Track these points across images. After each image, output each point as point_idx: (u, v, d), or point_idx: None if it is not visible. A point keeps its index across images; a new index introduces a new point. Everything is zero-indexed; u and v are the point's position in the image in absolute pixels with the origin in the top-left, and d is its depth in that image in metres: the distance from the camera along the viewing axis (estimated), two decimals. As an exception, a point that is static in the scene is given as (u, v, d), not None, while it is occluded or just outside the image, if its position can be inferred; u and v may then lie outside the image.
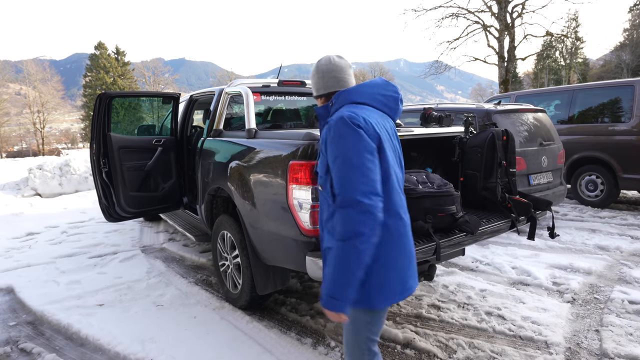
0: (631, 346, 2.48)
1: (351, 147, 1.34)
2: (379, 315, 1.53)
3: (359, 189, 1.30)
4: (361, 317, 1.51)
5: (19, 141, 51.89)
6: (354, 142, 1.34)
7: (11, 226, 5.98)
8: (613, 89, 6.02)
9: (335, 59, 1.61)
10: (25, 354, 2.63)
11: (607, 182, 5.93)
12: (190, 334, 2.76)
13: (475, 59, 18.67)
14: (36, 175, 8.68)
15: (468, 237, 2.29)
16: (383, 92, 1.54)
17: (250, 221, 2.77)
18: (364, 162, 1.33)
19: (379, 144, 1.39)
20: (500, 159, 2.75)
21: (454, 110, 4.89)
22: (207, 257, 4.36)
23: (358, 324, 1.52)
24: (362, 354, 1.55)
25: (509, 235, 4.70)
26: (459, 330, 2.76)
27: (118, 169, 3.74)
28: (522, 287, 3.45)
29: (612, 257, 4.06)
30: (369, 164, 1.33)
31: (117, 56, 48.22)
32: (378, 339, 1.59)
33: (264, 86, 3.81)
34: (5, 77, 40.88)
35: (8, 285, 3.71)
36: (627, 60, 34.45)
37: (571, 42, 37.29)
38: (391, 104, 1.55)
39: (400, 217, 1.47)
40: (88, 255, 4.57)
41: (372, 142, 1.36)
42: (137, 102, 4.86)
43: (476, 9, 18.06)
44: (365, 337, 1.54)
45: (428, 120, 3.24)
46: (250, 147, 2.83)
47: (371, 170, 1.33)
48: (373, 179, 1.33)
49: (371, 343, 1.56)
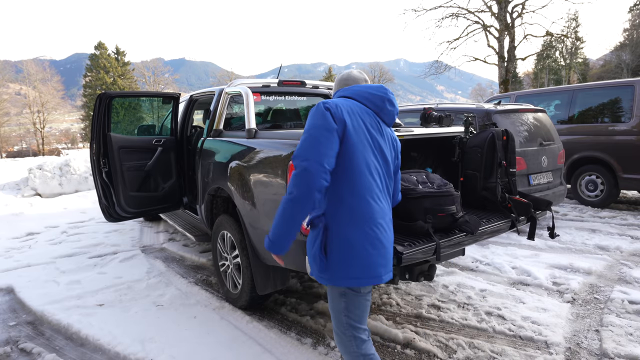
0: (631, 346, 2.48)
1: (314, 123, 1.54)
2: (353, 299, 1.61)
3: (304, 154, 1.49)
4: (336, 298, 1.63)
5: (19, 141, 51.90)
6: (318, 120, 1.54)
7: (11, 226, 5.98)
8: (613, 89, 6.02)
9: (353, 72, 1.86)
10: (25, 354, 2.63)
11: (607, 182, 5.93)
12: (190, 334, 2.76)
13: (475, 59, 18.67)
14: (36, 175, 8.68)
15: (468, 237, 2.28)
16: (371, 92, 1.70)
17: (250, 221, 2.77)
18: (318, 136, 1.50)
19: (344, 127, 1.54)
20: (500, 159, 2.75)
21: (454, 110, 4.89)
22: (207, 257, 4.36)
23: (335, 305, 1.65)
24: (348, 340, 1.64)
25: (509, 235, 4.70)
26: (459, 330, 2.76)
27: (118, 169, 3.73)
28: (522, 287, 3.45)
29: (612, 257, 4.06)
30: (323, 138, 1.50)
31: (117, 56, 48.22)
32: (362, 327, 1.65)
33: (264, 86, 3.81)
34: (5, 77, 40.88)
35: (8, 285, 3.71)
36: (627, 60, 34.44)
37: (571, 42, 37.30)
38: (377, 102, 1.69)
39: (368, 201, 1.56)
40: (88, 255, 4.57)
41: (335, 124, 1.52)
42: (137, 102, 4.86)
43: (476, 9, 18.07)
44: (346, 323, 1.63)
45: (428, 120, 3.24)
46: (250, 147, 2.83)
47: (322, 144, 1.49)
48: (320, 151, 1.48)
49: (354, 330, 1.63)
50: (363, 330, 1.65)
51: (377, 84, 1.75)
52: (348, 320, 1.63)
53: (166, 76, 53.60)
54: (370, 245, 1.55)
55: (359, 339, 1.64)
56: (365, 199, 1.55)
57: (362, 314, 1.65)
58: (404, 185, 2.26)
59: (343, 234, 1.54)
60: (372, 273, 1.56)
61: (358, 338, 1.64)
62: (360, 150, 1.56)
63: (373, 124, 1.65)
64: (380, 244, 1.57)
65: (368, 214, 1.55)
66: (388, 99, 1.70)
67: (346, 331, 1.64)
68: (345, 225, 1.54)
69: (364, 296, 1.64)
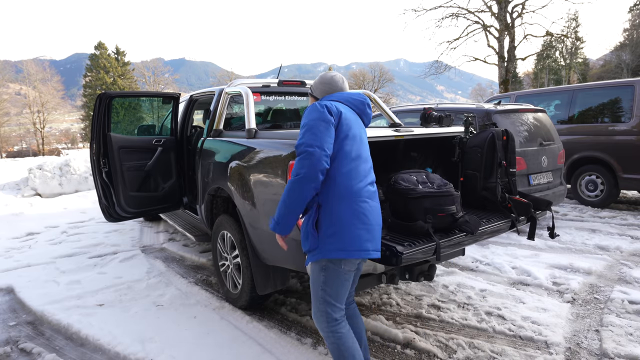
0: (631, 346, 2.48)
1: (313, 117, 1.76)
2: (332, 274, 1.78)
3: (307, 142, 1.70)
4: (317, 272, 1.80)
5: (19, 141, 51.88)
6: (316, 114, 1.76)
7: (11, 226, 5.98)
8: (613, 89, 6.02)
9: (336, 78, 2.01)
10: (25, 354, 2.63)
11: (607, 182, 5.93)
12: (190, 334, 2.76)
13: (475, 59, 18.67)
14: (36, 175, 8.68)
15: (468, 237, 2.28)
16: (355, 97, 1.96)
17: (250, 221, 2.77)
18: (318, 126, 1.73)
19: (339, 120, 1.79)
20: (500, 159, 2.75)
21: (454, 110, 4.89)
22: (207, 257, 4.36)
23: (314, 279, 1.82)
24: (320, 315, 1.82)
25: (509, 235, 4.70)
26: (459, 330, 2.76)
27: (118, 169, 3.73)
28: (522, 287, 3.45)
29: (612, 257, 4.06)
30: (322, 127, 1.73)
31: (117, 56, 48.21)
32: (337, 305, 1.81)
33: (264, 86, 3.80)
34: (5, 77, 40.86)
35: (8, 285, 3.71)
36: (627, 60, 34.42)
37: (571, 42, 37.28)
38: (359, 106, 1.97)
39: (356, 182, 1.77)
40: (88, 255, 4.57)
41: (331, 117, 1.76)
42: (137, 102, 4.86)
43: (476, 9, 18.08)
44: (322, 297, 1.80)
45: (428, 120, 3.23)
46: (250, 147, 2.83)
47: (321, 132, 1.72)
48: (320, 137, 1.70)
49: (327, 306, 1.80)
50: (338, 309, 1.82)
51: (357, 91, 2.03)
52: (324, 295, 1.80)
53: (166, 76, 53.58)
54: (358, 220, 1.73)
55: (330, 316, 1.80)
56: (354, 180, 1.77)
57: (337, 291, 1.80)
58: (404, 185, 2.26)
59: (334, 210, 1.73)
60: (360, 247, 1.73)
61: (330, 315, 1.80)
62: (350, 139, 1.79)
63: (358, 121, 1.93)
64: (366, 219, 1.75)
65: (356, 192, 1.75)
66: (367, 103, 1.99)
67: (320, 305, 1.81)
68: (336, 202, 1.73)
69: (344, 274, 1.80)
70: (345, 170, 1.76)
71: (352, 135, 1.81)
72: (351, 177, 1.76)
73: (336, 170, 1.75)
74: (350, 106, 1.93)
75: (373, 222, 1.79)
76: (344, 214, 1.72)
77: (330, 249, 1.72)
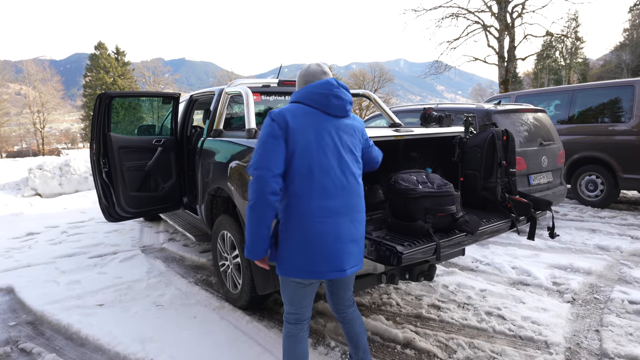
0: (631, 346, 2.48)
1: (263, 133, 1.69)
2: (285, 281, 1.80)
3: (254, 164, 1.65)
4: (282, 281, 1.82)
5: (19, 141, 51.88)
6: (266, 129, 1.69)
7: (11, 226, 5.98)
8: (613, 89, 6.02)
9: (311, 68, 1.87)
10: (25, 354, 2.63)
11: (607, 182, 5.93)
12: (190, 334, 2.76)
13: (475, 59, 18.68)
14: (36, 175, 8.68)
15: (468, 237, 2.28)
16: (316, 91, 1.75)
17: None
18: (266, 143, 1.66)
19: (287, 132, 1.66)
20: (500, 159, 2.75)
21: (454, 110, 4.89)
22: (207, 257, 4.36)
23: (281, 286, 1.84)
24: (286, 318, 1.87)
25: (509, 235, 4.70)
26: (459, 330, 2.76)
27: (118, 169, 3.73)
28: (522, 287, 3.45)
29: (612, 257, 4.06)
30: (269, 145, 1.65)
31: (117, 56, 48.21)
32: (292, 311, 1.84)
33: (264, 86, 3.80)
34: (5, 77, 40.86)
35: (8, 285, 3.71)
36: (627, 60, 34.42)
37: (571, 42, 37.28)
38: (321, 100, 1.74)
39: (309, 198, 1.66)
40: (88, 255, 4.57)
41: (279, 130, 1.66)
42: (137, 102, 4.86)
43: (476, 9, 18.08)
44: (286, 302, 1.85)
45: (428, 120, 3.24)
46: (250, 147, 2.83)
47: (269, 150, 1.65)
48: (267, 157, 1.64)
49: (286, 306, 1.84)
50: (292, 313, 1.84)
51: (323, 80, 1.79)
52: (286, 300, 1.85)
53: (166, 76, 53.57)
54: (308, 242, 1.66)
55: (286, 316, 1.86)
56: (304, 200, 1.67)
57: (291, 298, 1.82)
58: (404, 185, 2.26)
59: (286, 230, 1.69)
60: (312, 269, 1.68)
61: (286, 315, 1.86)
62: (299, 153, 1.67)
63: (319, 123, 1.72)
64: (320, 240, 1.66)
65: (308, 213, 1.66)
66: (333, 94, 1.74)
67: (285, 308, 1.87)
68: (287, 222, 1.69)
69: (295, 286, 1.79)
70: (293, 189, 1.67)
71: (304, 147, 1.66)
72: (301, 197, 1.66)
73: (286, 190, 1.68)
74: (311, 104, 1.74)
75: (329, 242, 1.67)
76: (292, 236, 1.67)
77: (282, 268, 1.71)
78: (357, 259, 1.78)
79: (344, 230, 1.71)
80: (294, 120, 1.68)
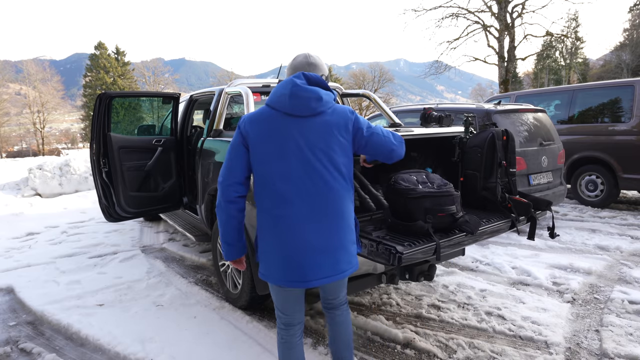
0: (631, 346, 2.48)
1: (231, 141, 1.71)
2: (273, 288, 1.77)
3: (221, 172, 1.70)
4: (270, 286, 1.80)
5: (19, 141, 51.87)
6: (233, 138, 1.70)
7: (11, 226, 5.98)
8: (613, 89, 6.02)
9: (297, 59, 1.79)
10: (25, 354, 2.63)
11: (607, 182, 5.93)
12: (190, 333, 2.76)
13: (475, 59, 18.69)
14: (36, 175, 8.68)
15: (468, 237, 2.28)
16: (279, 92, 1.64)
17: (249, 221, 2.76)
18: (231, 152, 1.69)
19: (246, 140, 1.65)
20: (500, 159, 2.75)
21: (454, 110, 4.89)
22: (207, 257, 4.36)
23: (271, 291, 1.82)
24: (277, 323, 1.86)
25: (509, 235, 4.70)
26: (459, 330, 2.76)
27: (118, 169, 3.73)
28: (522, 287, 3.45)
29: (612, 257, 4.06)
30: (233, 153, 1.68)
31: (117, 56, 48.23)
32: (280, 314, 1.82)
33: (264, 86, 3.80)
34: (5, 77, 40.87)
35: (8, 285, 3.71)
36: (627, 60, 34.42)
37: (571, 42, 37.28)
38: (282, 101, 1.61)
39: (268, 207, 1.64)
40: (88, 255, 4.57)
41: (240, 137, 1.66)
42: (137, 102, 4.86)
43: (476, 9, 18.10)
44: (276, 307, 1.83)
45: (428, 120, 3.23)
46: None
47: (233, 159, 1.67)
48: (229, 165, 1.67)
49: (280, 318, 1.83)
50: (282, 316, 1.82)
51: (287, 79, 1.66)
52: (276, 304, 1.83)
53: (166, 76, 53.58)
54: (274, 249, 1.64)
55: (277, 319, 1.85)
56: (264, 205, 1.65)
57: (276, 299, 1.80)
58: (404, 185, 2.26)
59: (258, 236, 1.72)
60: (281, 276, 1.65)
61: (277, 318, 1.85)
62: (260, 163, 1.63)
63: (280, 127, 1.60)
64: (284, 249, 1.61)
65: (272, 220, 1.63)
66: (290, 93, 1.59)
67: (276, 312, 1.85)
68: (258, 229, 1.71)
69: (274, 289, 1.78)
70: (256, 197, 1.68)
71: (262, 153, 1.61)
72: (260, 205, 1.66)
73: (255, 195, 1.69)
74: (275, 106, 1.62)
75: (290, 252, 1.59)
76: (261, 242, 1.70)
77: (261, 272, 1.72)
78: (331, 270, 1.62)
79: (309, 239, 1.59)
80: (252, 126, 1.64)
